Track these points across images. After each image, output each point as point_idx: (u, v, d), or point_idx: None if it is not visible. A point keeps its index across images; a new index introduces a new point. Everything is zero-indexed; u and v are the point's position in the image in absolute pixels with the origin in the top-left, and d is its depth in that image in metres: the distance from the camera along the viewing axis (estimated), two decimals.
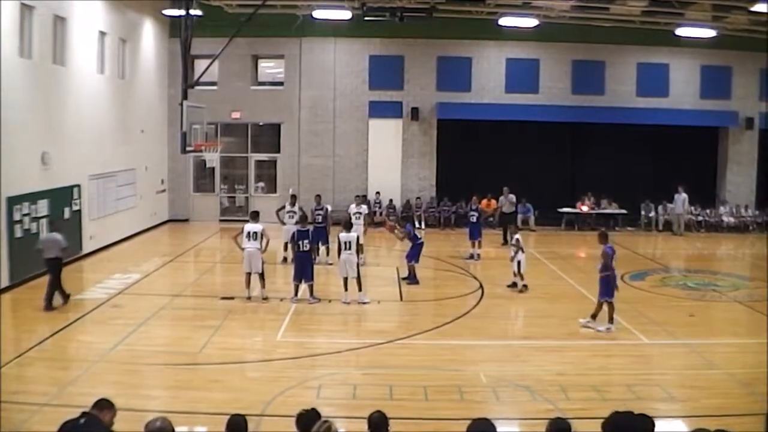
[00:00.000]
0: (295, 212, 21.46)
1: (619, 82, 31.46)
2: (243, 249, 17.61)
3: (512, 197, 27.27)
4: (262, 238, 17.66)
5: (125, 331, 14.73)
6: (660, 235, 29.76)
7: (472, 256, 23.03)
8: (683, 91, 31.57)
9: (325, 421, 6.32)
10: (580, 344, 14.43)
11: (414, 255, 19.86)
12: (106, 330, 14.99)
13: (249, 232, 17.63)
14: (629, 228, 30.47)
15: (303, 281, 17.55)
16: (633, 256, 24.82)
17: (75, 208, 21.83)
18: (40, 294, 17.81)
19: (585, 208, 30.47)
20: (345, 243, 17.48)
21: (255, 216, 18.47)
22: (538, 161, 31.47)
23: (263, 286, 17.64)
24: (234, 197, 32.49)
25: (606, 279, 15.38)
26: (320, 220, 22.08)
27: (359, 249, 17.96)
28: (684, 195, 29.62)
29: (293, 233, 18.23)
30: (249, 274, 17.57)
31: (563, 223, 30.59)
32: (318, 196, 23.04)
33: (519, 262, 18.50)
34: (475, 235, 23.26)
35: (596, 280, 19.97)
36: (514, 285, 18.73)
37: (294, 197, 22.60)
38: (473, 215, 23.47)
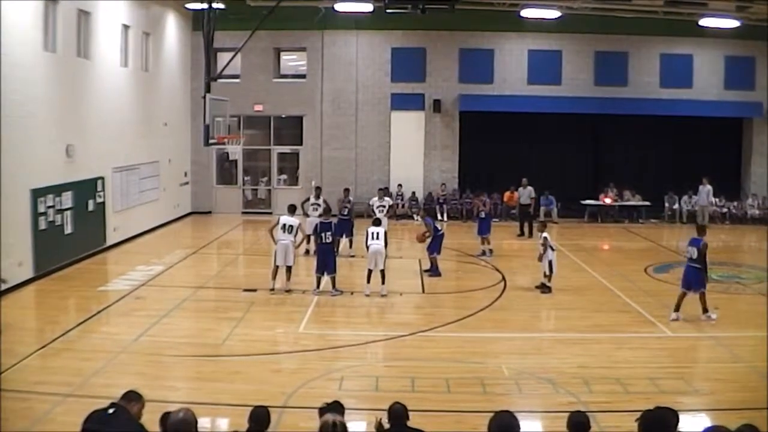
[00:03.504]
0: (319, 205, 21.43)
1: (642, 73, 31.13)
2: (277, 241, 17.61)
3: (531, 189, 27.00)
4: (297, 232, 17.68)
5: (148, 323, 14.79)
6: (684, 227, 29.40)
7: (483, 253, 22.53)
8: (707, 82, 31.16)
9: (334, 423, 6.23)
10: (603, 337, 14.30)
11: (436, 247, 19.76)
12: (130, 321, 15.04)
13: (285, 225, 17.59)
14: (653, 220, 30.20)
15: (325, 273, 17.52)
16: (657, 248, 24.66)
17: (99, 200, 21.93)
18: (65, 285, 18.06)
19: (608, 200, 30.22)
20: (373, 233, 17.47)
21: (292, 209, 18.50)
22: (561, 153, 31.29)
23: (288, 278, 17.63)
24: (256, 189, 32.52)
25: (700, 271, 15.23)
26: (346, 213, 22.07)
27: (386, 241, 17.88)
28: (708, 187, 29.30)
29: (316, 225, 18.24)
30: (278, 267, 17.59)
31: (586, 215, 30.33)
32: (347, 190, 23.17)
33: (550, 262, 17.77)
34: (483, 231, 22.67)
35: (619, 273, 20.02)
36: (543, 286, 17.95)
37: (318, 189, 22.58)
38: (482, 211, 23.19)
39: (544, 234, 18.03)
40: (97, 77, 22.08)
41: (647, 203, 30.38)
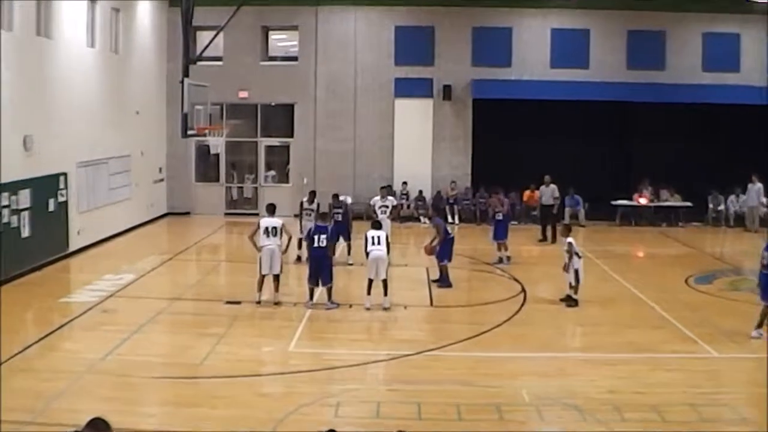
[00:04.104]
0: (312, 210, 21.45)
1: (681, 54, 31.12)
2: (261, 248, 17.60)
3: (554, 187, 26.88)
4: (281, 234, 17.69)
5: (117, 339, 14.75)
6: (730, 232, 29.45)
7: (501, 260, 22.56)
8: (756, 65, 31.11)
9: None
10: (636, 357, 14.28)
11: (445, 253, 19.72)
12: (96, 337, 15.03)
13: (267, 228, 17.58)
14: (694, 223, 30.15)
15: (320, 284, 17.51)
16: (699, 255, 24.64)
17: (61, 199, 21.94)
18: (22, 296, 18.05)
19: (643, 201, 30.23)
20: (373, 238, 17.47)
21: (272, 209, 18.46)
22: (589, 146, 31.22)
23: (277, 289, 17.63)
24: (242, 187, 32.57)
25: None
26: (341, 218, 22.07)
27: (389, 247, 17.88)
28: (759, 185, 29.24)
29: (309, 228, 18.23)
30: (264, 276, 17.60)
31: (618, 218, 30.37)
32: (335, 196, 22.82)
33: (576, 271, 17.71)
34: (500, 236, 22.76)
35: (655, 283, 19.98)
36: (569, 299, 17.92)
37: (313, 194, 22.46)
38: (499, 212, 23.12)
39: (569, 239, 17.99)
40: (60, 59, 22.06)
41: (688, 204, 30.37)
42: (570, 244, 17.82)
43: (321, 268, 17.47)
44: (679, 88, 30.48)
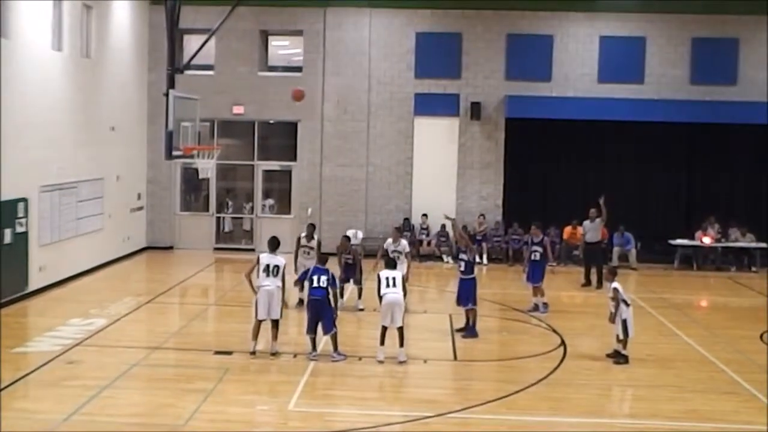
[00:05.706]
0: (312, 248, 21.51)
1: (757, 67, 30.95)
2: (258, 288, 17.57)
3: (600, 222, 26.68)
4: (284, 273, 17.67)
5: (84, 397, 14.69)
6: None
7: (536, 308, 22.40)
8: None
9: None
10: (700, 427, 14.10)
11: (469, 293, 19.57)
12: (58, 395, 14.95)
13: (268, 266, 17.57)
14: None
15: (322, 332, 17.45)
16: None
17: (20, 229, 21.95)
18: None
19: (707, 240, 30.05)
20: (387, 279, 17.43)
21: (274, 244, 18.34)
22: (643, 175, 31.19)
23: (275, 337, 17.58)
24: (236, 218, 32.69)
25: None
26: (351, 261, 22.25)
27: (405, 289, 17.82)
28: None
29: (307, 269, 18.21)
30: (261, 322, 17.56)
31: (676, 260, 30.21)
32: (346, 238, 22.75)
33: (624, 321, 17.54)
34: (536, 278, 22.53)
35: (724, 339, 19.76)
36: (617, 355, 17.82)
37: (312, 228, 22.42)
38: (536, 251, 22.81)
39: (614, 284, 17.80)
40: (20, 64, 22.00)
41: (763, 245, 30.13)
42: (615, 289, 17.63)
43: (321, 313, 17.39)
44: (754, 107, 30.17)
